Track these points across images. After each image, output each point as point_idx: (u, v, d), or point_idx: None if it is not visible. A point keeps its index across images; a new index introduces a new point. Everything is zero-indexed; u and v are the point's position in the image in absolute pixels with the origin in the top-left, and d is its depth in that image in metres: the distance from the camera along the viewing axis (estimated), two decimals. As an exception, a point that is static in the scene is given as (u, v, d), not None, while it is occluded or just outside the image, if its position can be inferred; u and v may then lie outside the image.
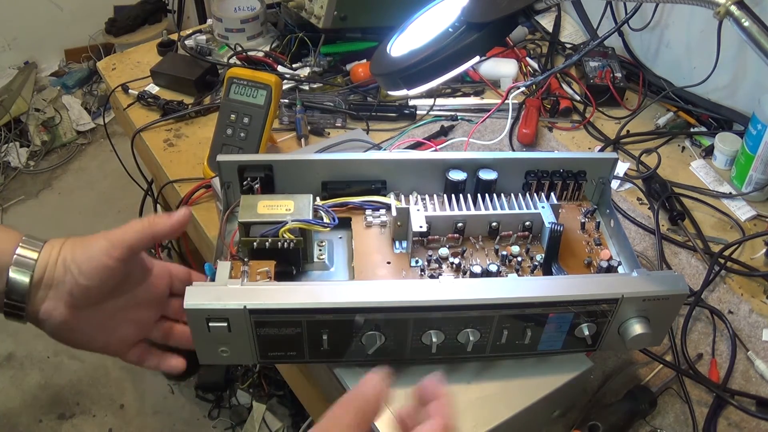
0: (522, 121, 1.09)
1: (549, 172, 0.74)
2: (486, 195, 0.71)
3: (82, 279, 0.56)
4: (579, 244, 0.71)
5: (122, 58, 1.31)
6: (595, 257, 0.69)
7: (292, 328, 0.57)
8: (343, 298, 0.56)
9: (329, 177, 0.72)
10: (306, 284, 0.59)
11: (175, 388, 1.79)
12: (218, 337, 0.57)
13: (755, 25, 0.51)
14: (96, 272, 0.56)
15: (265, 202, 0.66)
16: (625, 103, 1.17)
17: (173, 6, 2.70)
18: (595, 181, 0.74)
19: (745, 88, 1.07)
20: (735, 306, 0.84)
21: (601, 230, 0.73)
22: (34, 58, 2.81)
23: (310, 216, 0.65)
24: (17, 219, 2.27)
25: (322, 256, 0.70)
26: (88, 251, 0.57)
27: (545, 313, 0.59)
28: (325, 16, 1.12)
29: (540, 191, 0.74)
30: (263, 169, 0.71)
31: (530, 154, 0.75)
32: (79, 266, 0.56)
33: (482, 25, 0.64)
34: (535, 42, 1.30)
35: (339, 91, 1.14)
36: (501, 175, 0.72)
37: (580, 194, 0.75)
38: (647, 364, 0.77)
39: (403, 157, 0.73)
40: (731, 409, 0.72)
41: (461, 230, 0.68)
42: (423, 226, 0.65)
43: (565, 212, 0.74)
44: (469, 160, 0.73)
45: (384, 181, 0.73)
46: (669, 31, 1.16)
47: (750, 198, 0.99)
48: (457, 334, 0.59)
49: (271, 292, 0.56)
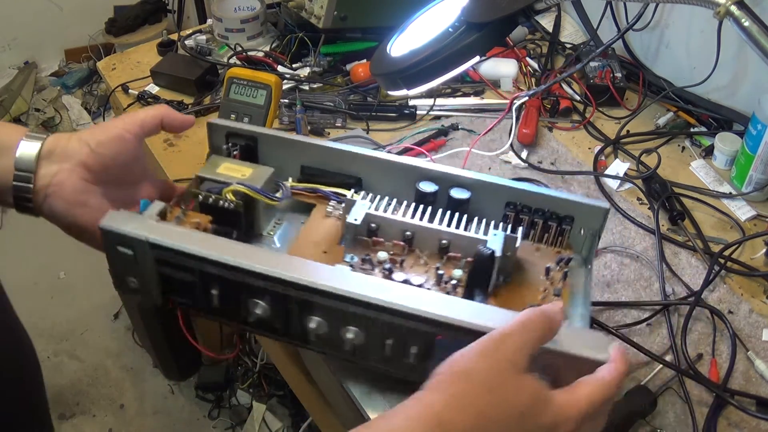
0: (522, 121, 1.09)
1: (531, 209, 0.66)
2: (451, 214, 0.65)
3: (99, 149, 0.60)
4: (535, 288, 0.63)
5: (122, 58, 1.31)
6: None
7: (188, 274, 0.57)
8: (234, 257, 0.55)
9: (309, 162, 0.72)
10: (213, 238, 0.58)
11: (175, 388, 1.79)
12: (126, 265, 0.59)
13: (755, 25, 0.51)
14: (112, 143, 0.61)
15: (229, 165, 0.68)
16: (625, 103, 1.17)
17: (173, 6, 2.70)
18: (584, 230, 0.66)
19: (745, 88, 1.07)
20: (735, 306, 0.84)
21: (567, 282, 0.64)
22: (34, 58, 2.81)
23: (260, 185, 0.65)
24: (17, 219, 2.27)
25: (272, 232, 0.70)
26: (104, 128, 0.62)
27: (429, 332, 0.52)
28: (325, 16, 1.12)
29: (518, 226, 0.66)
30: (247, 139, 0.72)
31: (514, 183, 0.66)
32: (96, 139, 0.61)
33: (482, 25, 0.64)
34: (535, 42, 1.30)
35: (339, 91, 1.15)
36: (480, 199, 0.67)
37: (564, 240, 0.67)
38: (647, 364, 0.77)
39: (378, 156, 0.70)
40: (731, 409, 0.72)
41: (409, 239, 0.65)
42: (357, 219, 0.63)
43: (539, 255, 0.67)
44: (445, 174, 0.68)
45: (360, 178, 0.71)
46: (669, 31, 1.16)
47: (750, 198, 0.99)
48: (339, 329, 0.55)
49: (176, 234, 0.57)
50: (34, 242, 2.15)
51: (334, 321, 0.55)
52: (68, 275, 2.11)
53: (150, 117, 0.64)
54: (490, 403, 0.43)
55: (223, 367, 1.70)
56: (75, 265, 2.11)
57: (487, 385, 0.43)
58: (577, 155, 1.07)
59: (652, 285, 0.86)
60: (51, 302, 2.05)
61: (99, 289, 2.01)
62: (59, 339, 1.95)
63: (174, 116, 0.65)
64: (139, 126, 0.63)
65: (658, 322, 0.82)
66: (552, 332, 0.48)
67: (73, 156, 0.59)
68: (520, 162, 1.04)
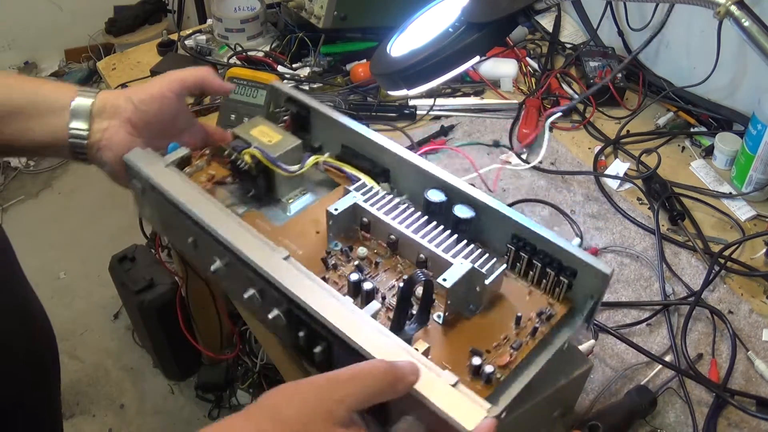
0: (522, 121, 1.09)
1: (536, 249, 0.61)
2: (452, 231, 0.63)
3: (142, 105, 0.66)
4: (497, 332, 0.58)
5: (122, 58, 1.31)
6: (488, 357, 0.55)
7: (176, 219, 0.64)
8: (202, 216, 0.61)
9: (348, 143, 0.74)
10: (201, 197, 0.63)
11: (175, 388, 1.79)
12: (140, 196, 0.69)
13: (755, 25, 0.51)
14: (154, 101, 0.67)
15: (264, 129, 0.71)
16: (625, 103, 1.17)
17: (173, 6, 2.70)
18: (584, 289, 0.60)
19: (745, 88, 1.07)
20: (735, 306, 0.84)
21: (536, 339, 0.57)
22: (34, 58, 2.81)
23: (276, 155, 0.68)
24: (17, 219, 2.27)
25: (290, 200, 0.72)
26: (147, 87, 0.68)
27: (325, 335, 0.53)
28: (325, 16, 1.12)
29: (518, 262, 0.62)
30: (301, 108, 0.76)
31: (523, 219, 0.62)
32: (140, 97, 0.67)
33: (482, 25, 0.64)
34: (535, 42, 1.30)
35: (339, 91, 1.15)
36: (487, 223, 0.64)
37: (562, 292, 0.60)
38: (647, 364, 0.77)
39: (401, 153, 0.70)
40: (731, 409, 0.72)
41: (393, 244, 0.64)
42: (338, 209, 0.64)
43: (528, 299, 0.61)
44: (455, 188, 0.65)
45: (388, 170, 0.72)
46: (669, 31, 1.16)
47: (750, 198, 0.99)
48: (269, 306, 0.58)
49: (176, 183, 0.64)
50: (34, 242, 2.15)
51: (267, 297, 0.58)
52: (68, 275, 2.11)
53: (192, 77, 0.69)
54: None
55: (223, 367, 1.70)
56: (75, 265, 2.11)
57: (293, 429, 0.42)
58: (577, 155, 1.07)
59: (652, 285, 0.86)
60: (51, 302, 2.05)
61: (99, 289, 2.01)
62: (59, 339, 1.93)
63: (214, 80, 0.70)
64: (180, 85, 0.68)
65: (658, 322, 0.82)
66: (395, 391, 0.45)
67: (121, 113, 0.66)
68: (520, 162, 1.04)
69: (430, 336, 0.58)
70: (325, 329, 0.53)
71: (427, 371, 0.48)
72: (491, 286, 0.59)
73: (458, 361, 0.56)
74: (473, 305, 0.60)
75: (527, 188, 1.00)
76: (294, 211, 0.71)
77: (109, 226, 2.20)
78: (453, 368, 0.55)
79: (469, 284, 0.59)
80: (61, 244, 2.17)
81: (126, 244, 1.62)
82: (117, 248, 1.60)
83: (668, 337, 0.79)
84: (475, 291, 0.59)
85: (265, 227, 0.68)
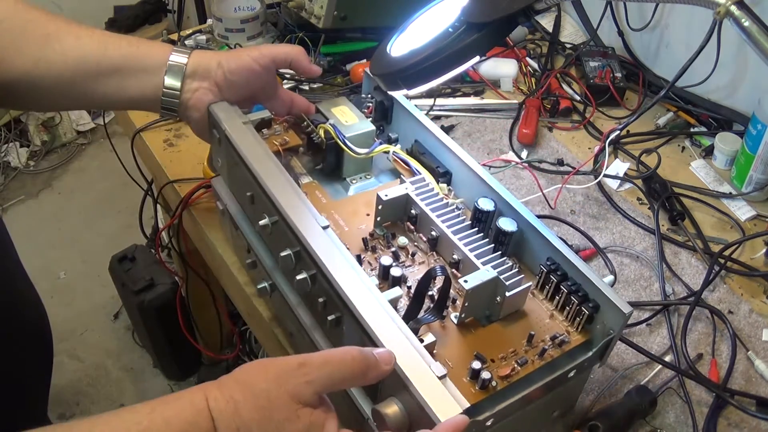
0: (522, 121, 1.09)
1: (567, 275, 0.62)
2: (494, 241, 0.65)
3: (231, 75, 0.70)
4: (506, 345, 0.59)
5: (122, 58, 1.31)
6: (491, 365, 0.57)
7: (240, 172, 0.69)
8: (260, 174, 0.64)
9: (420, 139, 0.78)
10: (266, 159, 0.66)
11: (175, 388, 1.79)
12: (216, 146, 0.73)
13: (755, 25, 0.51)
14: (243, 72, 0.70)
15: (344, 109, 0.77)
16: (625, 103, 1.17)
17: (173, 6, 2.69)
18: (605, 326, 0.60)
19: (745, 88, 1.07)
20: (735, 306, 0.84)
21: (543, 360, 0.58)
22: (34, 58, 2.81)
23: (348, 135, 0.73)
24: (17, 219, 2.27)
25: (354, 181, 0.77)
26: (239, 57, 0.70)
27: (339, 304, 0.56)
28: (325, 16, 1.12)
29: (547, 284, 0.64)
30: (385, 97, 0.80)
31: (560, 244, 0.63)
32: (230, 65, 0.70)
33: (482, 25, 0.64)
34: (535, 42, 1.30)
35: (339, 92, 1.14)
36: (526, 241, 0.66)
37: (581, 323, 0.61)
38: (647, 364, 0.77)
39: (465, 160, 0.72)
40: (731, 409, 0.72)
41: (434, 240, 0.67)
42: (388, 195, 0.67)
43: (548, 321, 0.63)
44: (505, 201, 0.67)
45: (450, 173, 0.75)
46: (669, 31, 1.16)
47: (750, 198, 0.99)
48: (297, 269, 0.61)
49: (247, 140, 0.67)
50: (34, 242, 2.15)
51: (300, 259, 0.61)
52: (68, 275, 2.11)
53: (283, 54, 0.71)
54: (254, 420, 0.44)
55: (223, 367, 1.70)
56: (75, 265, 2.11)
57: (260, 403, 0.44)
58: (577, 155, 1.07)
59: (652, 285, 0.86)
60: (51, 302, 2.05)
61: (99, 289, 2.01)
62: (59, 339, 1.95)
63: (304, 61, 0.73)
64: (270, 60, 0.71)
65: (658, 322, 0.82)
66: (366, 379, 0.47)
67: (212, 77, 0.70)
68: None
69: (442, 332, 0.60)
70: (341, 301, 0.55)
71: (420, 359, 0.50)
72: (512, 299, 0.60)
73: (462, 361, 0.57)
74: (491, 314, 0.62)
75: (527, 188, 1.00)
76: (353, 192, 0.76)
77: (109, 226, 2.20)
78: (454, 366, 0.57)
79: (490, 292, 0.60)
80: (61, 244, 2.17)
81: (126, 244, 1.62)
82: (117, 248, 1.60)
83: (668, 337, 0.79)
84: (495, 300, 0.61)
85: (321, 199, 0.72)
